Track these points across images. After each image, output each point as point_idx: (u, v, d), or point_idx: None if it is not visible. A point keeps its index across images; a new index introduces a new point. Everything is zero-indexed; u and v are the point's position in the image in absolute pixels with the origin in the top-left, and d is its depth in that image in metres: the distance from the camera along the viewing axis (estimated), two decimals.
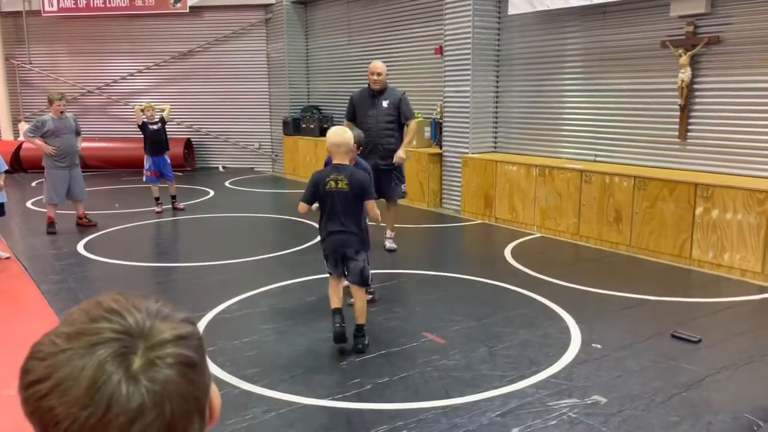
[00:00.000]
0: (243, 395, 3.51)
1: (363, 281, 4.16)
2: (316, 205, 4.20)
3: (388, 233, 6.77)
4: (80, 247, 6.83)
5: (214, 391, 0.73)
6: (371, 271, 4.37)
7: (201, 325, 4.53)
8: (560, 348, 4.12)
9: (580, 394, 3.50)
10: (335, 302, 4.15)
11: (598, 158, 7.52)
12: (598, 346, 4.16)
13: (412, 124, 6.68)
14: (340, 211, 4.04)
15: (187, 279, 5.83)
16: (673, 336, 4.27)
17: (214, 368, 3.82)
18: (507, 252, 6.61)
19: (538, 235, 7.41)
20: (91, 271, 6.09)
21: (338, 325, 4.05)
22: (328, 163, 4.54)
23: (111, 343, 0.63)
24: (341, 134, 4.15)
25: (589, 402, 3.41)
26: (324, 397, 3.47)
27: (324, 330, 4.47)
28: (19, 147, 12.23)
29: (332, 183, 4.03)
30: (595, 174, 6.87)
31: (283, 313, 4.92)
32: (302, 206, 4.17)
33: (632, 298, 5.09)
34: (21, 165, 12.37)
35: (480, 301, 5.13)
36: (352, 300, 4.29)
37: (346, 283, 4.40)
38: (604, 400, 3.43)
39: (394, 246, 6.69)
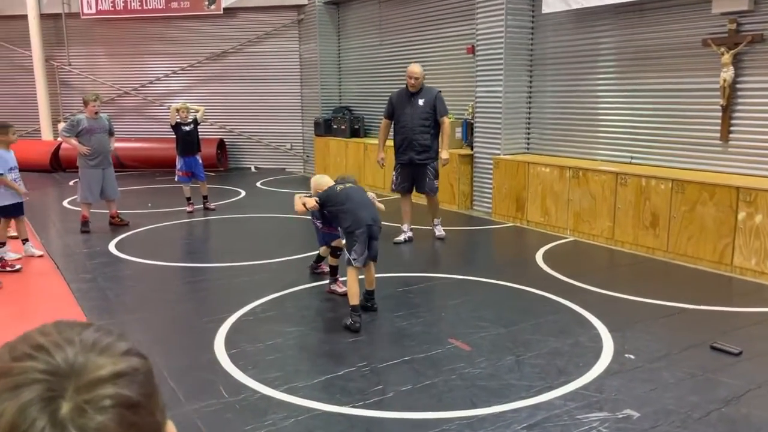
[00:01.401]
0: (263, 400, 3.46)
1: (376, 258, 4.87)
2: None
3: (436, 221, 7.20)
4: (112, 247, 6.91)
5: (171, 430, 0.65)
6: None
7: (226, 327, 4.51)
8: (591, 358, 3.97)
9: (611, 407, 3.35)
10: (358, 299, 4.58)
11: (634, 160, 7.29)
12: (632, 356, 3.99)
13: (447, 124, 6.99)
14: (360, 203, 4.70)
15: (216, 279, 5.83)
16: (713, 347, 4.08)
17: (235, 371, 3.79)
18: (538, 256, 6.45)
19: (571, 239, 7.22)
20: (122, 270, 6.15)
21: (359, 323, 4.48)
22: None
23: (35, 386, 0.55)
24: (323, 176, 5.20)
25: (621, 416, 3.26)
26: (345, 405, 3.40)
27: (347, 335, 4.41)
28: (59, 147, 12.53)
29: (341, 187, 4.79)
30: (631, 176, 6.66)
31: (308, 315, 4.87)
32: (312, 204, 4.76)
33: (669, 306, 4.90)
34: (60, 164, 12.68)
35: (509, 306, 5.00)
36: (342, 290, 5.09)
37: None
38: (636, 414, 3.27)
39: (443, 233, 7.07)
